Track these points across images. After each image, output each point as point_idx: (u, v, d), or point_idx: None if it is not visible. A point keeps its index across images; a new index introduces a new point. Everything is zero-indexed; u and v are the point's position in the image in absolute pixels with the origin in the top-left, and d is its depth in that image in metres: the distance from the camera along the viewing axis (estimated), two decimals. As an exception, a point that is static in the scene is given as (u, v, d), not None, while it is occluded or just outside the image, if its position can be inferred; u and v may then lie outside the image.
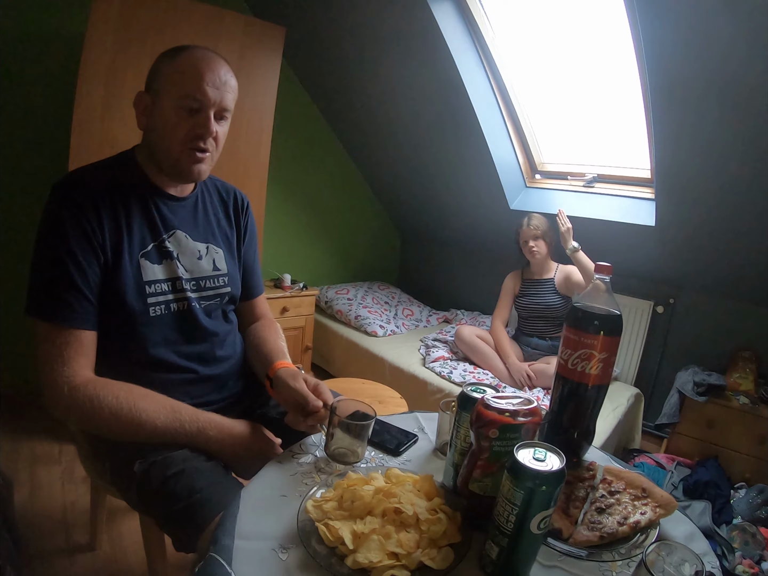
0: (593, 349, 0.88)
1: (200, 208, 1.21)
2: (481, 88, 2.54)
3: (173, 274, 1.11)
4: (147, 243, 1.08)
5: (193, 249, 1.16)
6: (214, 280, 1.19)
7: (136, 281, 1.05)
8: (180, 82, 1.01)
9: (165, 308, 1.09)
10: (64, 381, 0.95)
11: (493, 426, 0.74)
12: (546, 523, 0.67)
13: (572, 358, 0.90)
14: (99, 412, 0.95)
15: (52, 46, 2.24)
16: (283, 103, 2.65)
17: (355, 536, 0.70)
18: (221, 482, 0.99)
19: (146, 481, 0.99)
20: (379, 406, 1.91)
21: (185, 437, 1.01)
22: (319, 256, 3.73)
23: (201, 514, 0.91)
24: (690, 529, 0.86)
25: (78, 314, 0.98)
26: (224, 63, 1.07)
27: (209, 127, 1.03)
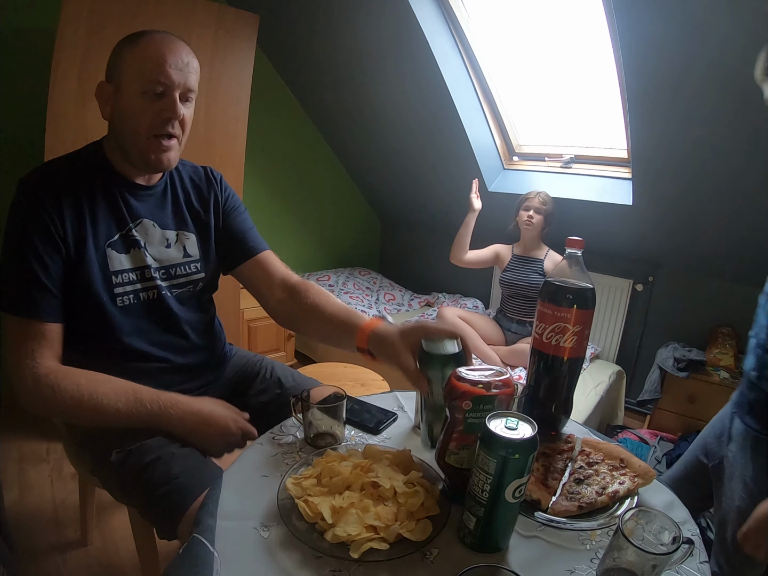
0: (567, 322, 0.90)
1: (170, 194, 1.19)
2: (456, 72, 2.54)
3: (141, 262, 1.10)
4: (113, 233, 1.07)
5: (161, 237, 1.14)
6: (185, 267, 1.18)
7: (103, 271, 1.05)
8: (142, 68, 1.00)
9: (134, 297, 1.09)
10: (28, 372, 0.96)
11: (466, 398, 0.75)
12: (521, 491, 0.68)
13: (546, 331, 0.92)
14: (61, 400, 0.96)
15: (24, 42, 2.20)
16: (259, 90, 2.63)
17: (334, 511, 0.71)
18: (198, 467, 0.99)
19: (124, 470, 1.00)
20: (362, 388, 1.93)
21: (147, 418, 1.00)
22: (299, 244, 3.72)
23: (179, 500, 0.92)
24: (669, 498, 0.88)
25: (41, 307, 0.98)
26: (184, 45, 1.05)
27: (176, 109, 1.02)
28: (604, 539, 0.76)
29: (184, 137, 1.09)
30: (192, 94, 1.07)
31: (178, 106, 1.02)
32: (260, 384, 1.32)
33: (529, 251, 2.63)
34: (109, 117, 1.06)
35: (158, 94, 1.01)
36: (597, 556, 0.73)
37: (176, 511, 0.90)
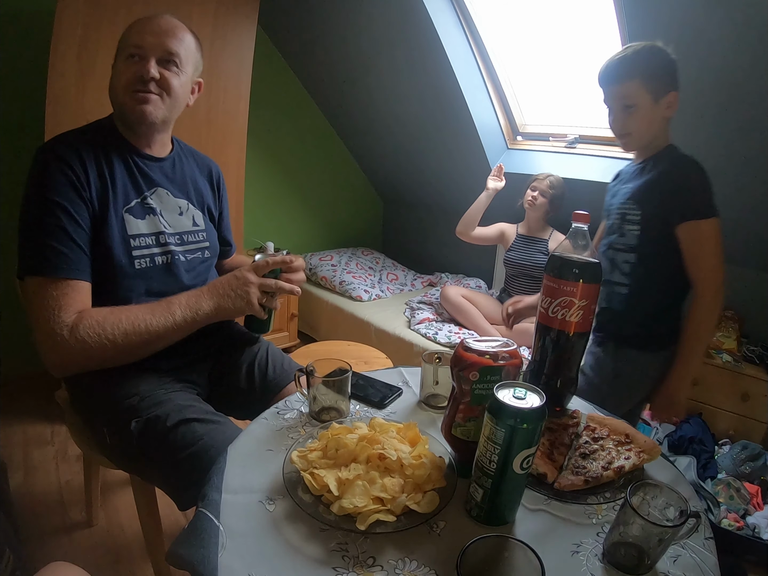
0: (573, 296, 0.89)
1: (177, 168, 1.27)
2: (460, 50, 2.51)
3: (156, 228, 1.16)
4: (131, 199, 1.13)
5: (174, 205, 1.22)
6: (194, 234, 1.26)
7: (122, 235, 1.09)
8: (125, 36, 1.12)
9: (150, 261, 1.14)
10: (62, 325, 0.97)
11: (474, 368, 0.74)
12: (529, 462, 0.68)
13: (552, 306, 0.91)
14: (105, 336, 0.98)
15: (22, 24, 2.18)
16: (261, 69, 2.62)
17: (340, 483, 0.70)
18: (220, 428, 1.03)
19: (145, 437, 1.02)
20: (365, 366, 1.93)
21: (188, 322, 1.07)
22: (301, 224, 3.72)
23: (207, 459, 0.94)
24: (674, 475, 0.88)
25: (74, 264, 1.01)
26: (175, 20, 1.16)
27: (147, 68, 1.08)
28: (611, 514, 0.75)
29: (169, 98, 1.15)
30: (174, 58, 1.13)
31: (152, 66, 1.09)
32: (249, 365, 1.33)
33: (533, 231, 2.62)
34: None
35: (134, 56, 1.09)
36: (603, 530, 0.72)
37: (202, 473, 0.90)
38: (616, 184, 1.40)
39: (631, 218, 1.28)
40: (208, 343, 1.28)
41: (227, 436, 0.98)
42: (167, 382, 1.16)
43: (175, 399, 1.09)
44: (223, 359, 1.33)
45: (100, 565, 1.52)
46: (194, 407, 1.08)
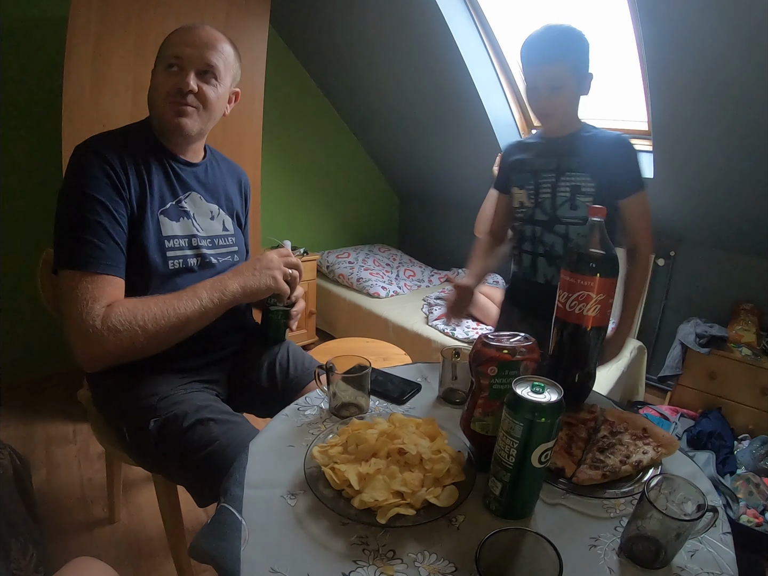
0: (590, 290, 0.89)
1: (209, 174, 1.29)
2: (473, 45, 2.50)
3: (190, 231, 1.19)
4: (166, 201, 1.16)
5: (207, 209, 1.25)
6: (225, 239, 1.28)
7: (157, 236, 1.12)
8: (165, 46, 1.13)
9: (183, 263, 1.17)
10: (95, 316, 0.98)
11: (492, 363, 0.75)
12: (547, 456, 0.68)
13: (570, 300, 0.91)
14: (138, 324, 1.00)
15: (36, 32, 2.22)
16: (274, 69, 2.63)
17: (361, 477, 0.71)
18: (236, 429, 1.04)
19: (163, 437, 1.04)
20: (384, 362, 1.94)
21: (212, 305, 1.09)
22: (318, 222, 3.73)
23: (222, 460, 0.96)
24: (692, 470, 0.87)
25: (110, 259, 1.03)
26: (215, 31, 1.17)
27: (187, 81, 1.10)
28: (628, 508, 0.75)
29: (206, 112, 1.17)
30: (214, 70, 1.15)
31: (191, 79, 1.11)
32: (270, 363, 1.34)
33: None
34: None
35: (174, 67, 1.11)
36: (621, 524, 0.72)
37: (219, 472, 0.92)
38: (531, 157, 1.37)
39: (586, 190, 1.27)
40: (228, 343, 1.30)
41: (244, 436, 1.00)
42: (187, 382, 1.17)
43: (193, 399, 1.11)
44: (244, 359, 1.34)
45: (122, 561, 1.54)
46: (211, 407, 1.09)
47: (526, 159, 1.37)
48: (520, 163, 1.38)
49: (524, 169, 1.37)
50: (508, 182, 1.43)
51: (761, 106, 1.77)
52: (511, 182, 1.41)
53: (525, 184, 1.36)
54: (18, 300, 2.29)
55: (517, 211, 1.42)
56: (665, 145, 2.18)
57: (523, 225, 1.41)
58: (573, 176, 1.29)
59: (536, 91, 1.25)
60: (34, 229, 2.19)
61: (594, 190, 1.27)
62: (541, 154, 1.35)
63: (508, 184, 1.43)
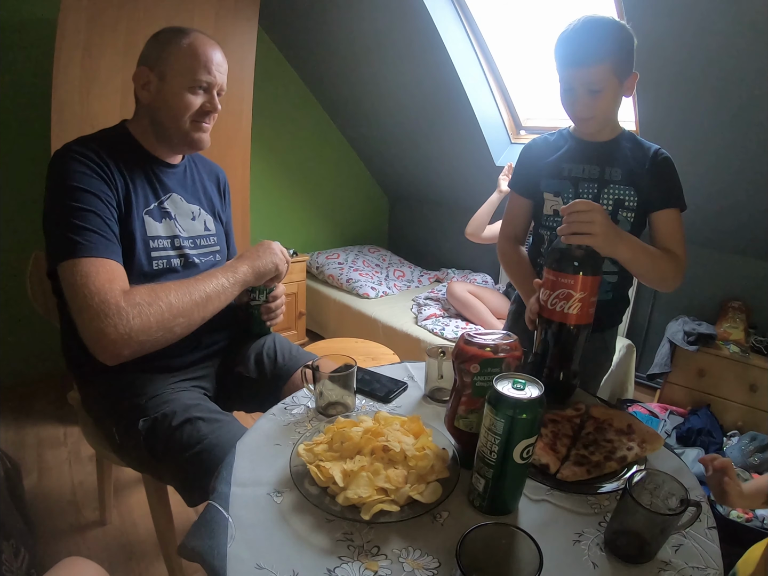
0: (572, 288, 0.90)
1: (188, 174, 1.32)
2: (461, 46, 2.52)
3: (172, 232, 1.21)
4: (150, 202, 1.18)
5: (188, 210, 1.27)
6: (206, 238, 1.30)
7: (142, 236, 1.13)
8: (191, 66, 1.14)
9: (167, 263, 1.18)
10: (117, 296, 0.95)
11: (475, 361, 0.76)
12: (529, 452, 0.69)
13: (551, 298, 0.92)
14: (161, 301, 0.99)
15: (25, 32, 2.21)
16: (263, 71, 2.64)
17: (345, 474, 0.72)
18: (225, 427, 1.05)
19: (152, 436, 1.05)
20: (372, 362, 1.95)
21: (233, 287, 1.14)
22: (307, 223, 3.73)
23: (211, 459, 0.97)
24: (678, 465, 0.88)
25: (113, 248, 1.03)
26: (219, 47, 1.21)
27: (215, 104, 1.20)
28: (612, 504, 0.76)
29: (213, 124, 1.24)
30: (224, 92, 1.24)
31: (217, 101, 1.20)
32: (257, 354, 1.37)
33: None
34: (147, 101, 1.17)
35: (202, 90, 1.17)
36: (605, 519, 0.73)
37: (208, 471, 0.93)
38: (567, 161, 1.23)
39: (629, 205, 1.19)
40: (213, 341, 1.31)
41: (232, 434, 1.01)
42: (175, 381, 1.19)
43: (181, 398, 1.12)
44: (231, 353, 1.37)
45: (113, 563, 1.55)
46: (200, 406, 1.10)
47: (563, 163, 1.23)
48: (556, 168, 1.24)
49: (561, 175, 1.23)
50: (536, 186, 1.28)
51: (749, 106, 1.80)
52: (543, 187, 1.26)
53: (563, 192, 1.23)
54: (7, 303, 2.29)
55: (547, 218, 1.28)
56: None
57: (551, 233, 1.28)
58: (617, 189, 1.19)
59: (573, 94, 1.12)
60: (22, 232, 2.19)
61: (636, 205, 1.19)
62: (580, 160, 1.22)
63: (535, 187, 1.28)
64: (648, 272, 1.14)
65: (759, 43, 1.57)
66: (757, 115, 1.79)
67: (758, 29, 1.54)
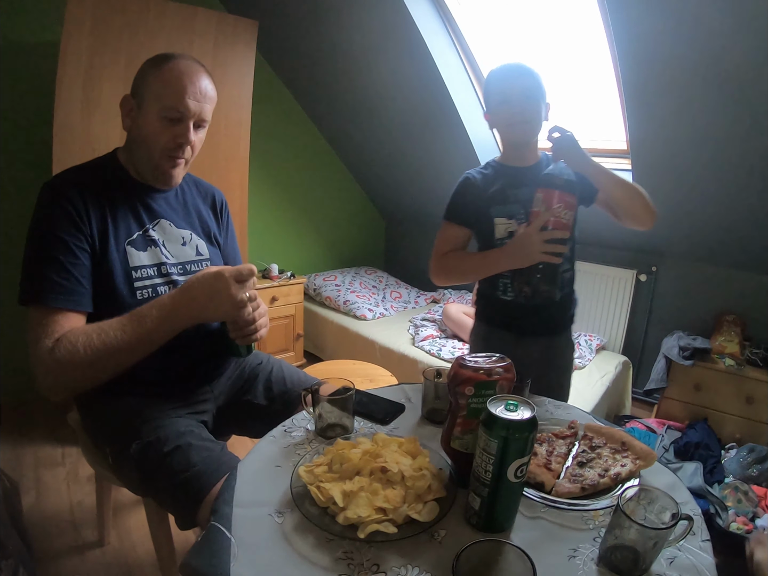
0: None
1: (180, 198, 1.30)
2: (452, 67, 2.56)
3: (158, 259, 1.19)
4: (132, 232, 1.16)
5: (177, 236, 1.24)
6: (198, 264, 1.27)
7: (123, 267, 1.12)
8: (164, 93, 1.09)
9: (152, 291, 1.16)
10: (45, 349, 1.00)
11: (469, 384, 0.78)
12: (522, 471, 0.71)
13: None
14: (78, 354, 0.99)
15: (29, 57, 2.25)
16: (261, 94, 2.68)
17: (345, 495, 0.74)
18: (215, 456, 1.04)
19: (144, 460, 1.05)
20: (370, 384, 1.95)
21: (158, 328, 1.03)
22: (305, 245, 3.76)
23: (198, 486, 0.96)
24: (671, 480, 0.90)
25: (68, 294, 1.04)
26: (205, 74, 1.15)
27: (188, 136, 1.13)
28: (607, 519, 0.77)
29: (192, 158, 1.20)
30: (206, 123, 1.17)
31: (191, 134, 1.13)
32: (266, 381, 1.37)
33: None
34: (128, 129, 1.16)
35: (175, 120, 1.11)
36: (600, 535, 0.75)
37: (196, 498, 0.95)
38: (508, 188, 1.36)
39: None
40: (213, 366, 1.30)
41: (222, 463, 1.01)
42: (171, 408, 1.18)
43: (175, 424, 1.11)
44: (238, 381, 1.36)
45: (113, 584, 1.54)
46: (193, 433, 1.09)
47: (508, 190, 1.35)
48: (502, 195, 1.35)
49: (509, 200, 1.34)
50: (482, 215, 1.38)
51: (735, 122, 1.83)
52: (494, 213, 1.36)
53: (515, 214, 1.33)
54: (7, 324, 2.30)
55: (501, 241, 1.35)
56: (643, 164, 2.24)
57: None
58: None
59: (509, 103, 1.27)
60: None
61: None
62: (519, 185, 1.34)
63: (481, 216, 1.38)
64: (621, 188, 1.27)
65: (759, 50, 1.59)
66: (751, 128, 1.83)
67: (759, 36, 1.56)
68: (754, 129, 1.81)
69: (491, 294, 1.40)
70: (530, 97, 1.27)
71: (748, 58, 1.61)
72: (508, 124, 1.32)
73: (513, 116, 1.29)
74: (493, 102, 1.34)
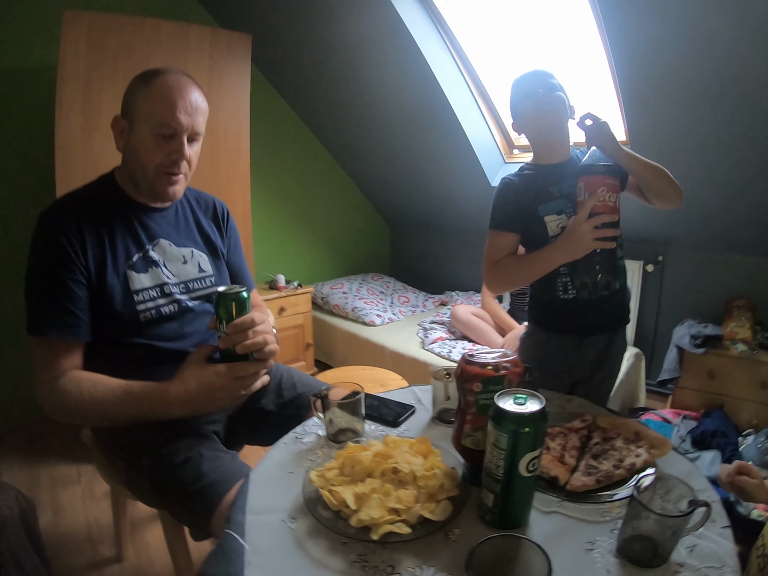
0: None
1: (180, 216, 1.28)
2: (448, 71, 2.56)
3: (159, 280, 1.18)
4: (132, 254, 1.16)
5: (178, 254, 1.23)
6: (201, 281, 1.27)
7: (124, 291, 1.12)
8: (154, 110, 1.08)
9: (156, 312, 1.16)
10: (47, 384, 1.05)
11: (477, 380, 0.78)
12: (534, 465, 0.70)
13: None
14: (69, 404, 1.04)
15: (28, 79, 2.28)
16: (258, 106, 2.69)
17: (357, 497, 0.74)
18: (226, 465, 1.04)
19: (156, 473, 1.05)
20: (381, 388, 1.94)
21: (142, 410, 1.06)
22: (310, 255, 3.76)
23: (210, 496, 0.96)
24: (688, 468, 0.89)
25: (64, 326, 1.06)
26: (195, 86, 1.14)
27: (183, 152, 1.12)
28: (624, 510, 0.76)
29: (190, 173, 1.19)
30: (199, 135, 1.16)
31: (185, 148, 1.12)
32: (276, 388, 1.36)
33: None
34: (122, 149, 1.15)
35: (167, 137, 1.10)
36: (617, 527, 0.74)
37: (208, 508, 0.95)
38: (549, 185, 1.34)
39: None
40: None
41: (233, 472, 1.01)
42: (183, 420, 1.16)
43: (186, 435, 1.11)
44: None
45: (132, 599, 1.55)
46: (204, 444, 1.10)
47: (550, 187, 1.33)
48: (547, 193, 1.33)
49: (554, 196, 1.32)
50: (530, 216, 1.34)
51: (736, 111, 1.83)
52: (543, 212, 1.33)
53: (564, 210, 1.31)
54: (20, 343, 2.31)
55: (555, 237, 1.32)
56: (644, 155, 2.22)
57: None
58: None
59: (535, 94, 1.28)
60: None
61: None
62: (558, 180, 1.33)
63: (528, 218, 1.35)
64: (650, 170, 1.31)
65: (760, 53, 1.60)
66: (751, 115, 1.82)
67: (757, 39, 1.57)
68: (750, 117, 1.81)
69: (550, 296, 1.36)
70: (553, 88, 1.28)
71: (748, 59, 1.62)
72: (535, 111, 1.30)
73: (539, 105, 1.28)
74: (519, 100, 1.33)
